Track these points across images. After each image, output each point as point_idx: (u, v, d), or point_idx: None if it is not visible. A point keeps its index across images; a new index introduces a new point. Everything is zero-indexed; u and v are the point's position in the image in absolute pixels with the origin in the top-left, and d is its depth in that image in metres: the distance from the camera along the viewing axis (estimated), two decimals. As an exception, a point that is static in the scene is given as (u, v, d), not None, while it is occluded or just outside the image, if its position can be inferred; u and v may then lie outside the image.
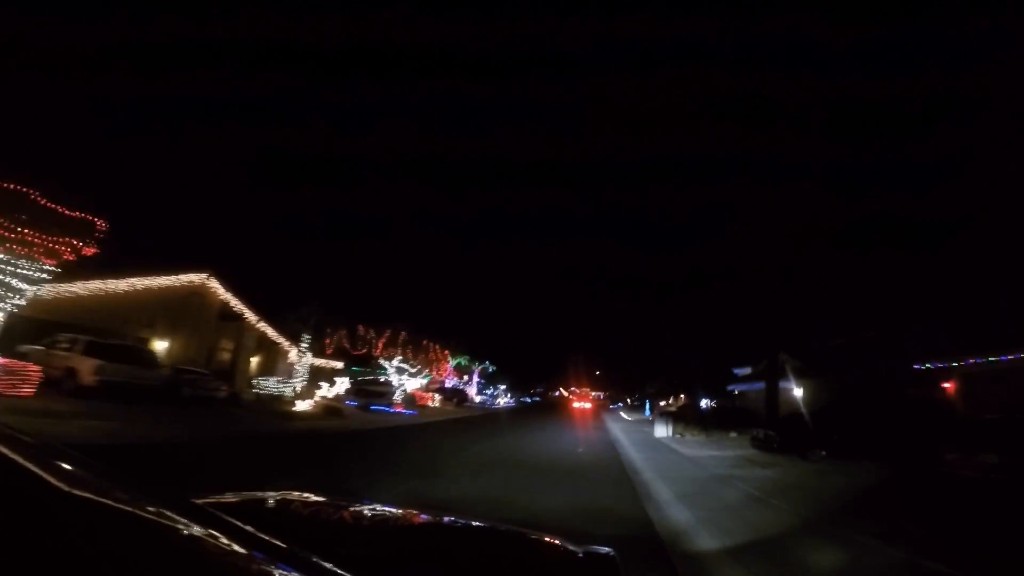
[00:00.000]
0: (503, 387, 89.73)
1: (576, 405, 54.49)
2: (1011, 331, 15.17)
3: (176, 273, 29.23)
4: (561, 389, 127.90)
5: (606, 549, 1.66)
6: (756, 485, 10.01)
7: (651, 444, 19.30)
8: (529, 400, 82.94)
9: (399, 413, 30.88)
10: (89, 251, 12.46)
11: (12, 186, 10.91)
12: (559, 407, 59.00)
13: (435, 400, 40.62)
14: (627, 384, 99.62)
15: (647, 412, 40.96)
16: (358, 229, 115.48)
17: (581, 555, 1.62)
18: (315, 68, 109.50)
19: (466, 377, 65.38)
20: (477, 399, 56.28)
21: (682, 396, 60.63)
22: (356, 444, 14.19)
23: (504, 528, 2.00)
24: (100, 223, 12.40)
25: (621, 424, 32.41)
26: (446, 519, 2.05)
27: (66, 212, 11.85)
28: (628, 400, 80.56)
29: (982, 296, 20.41)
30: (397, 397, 35.77)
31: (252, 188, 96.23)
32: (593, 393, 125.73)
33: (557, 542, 1.77)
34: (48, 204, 11.52)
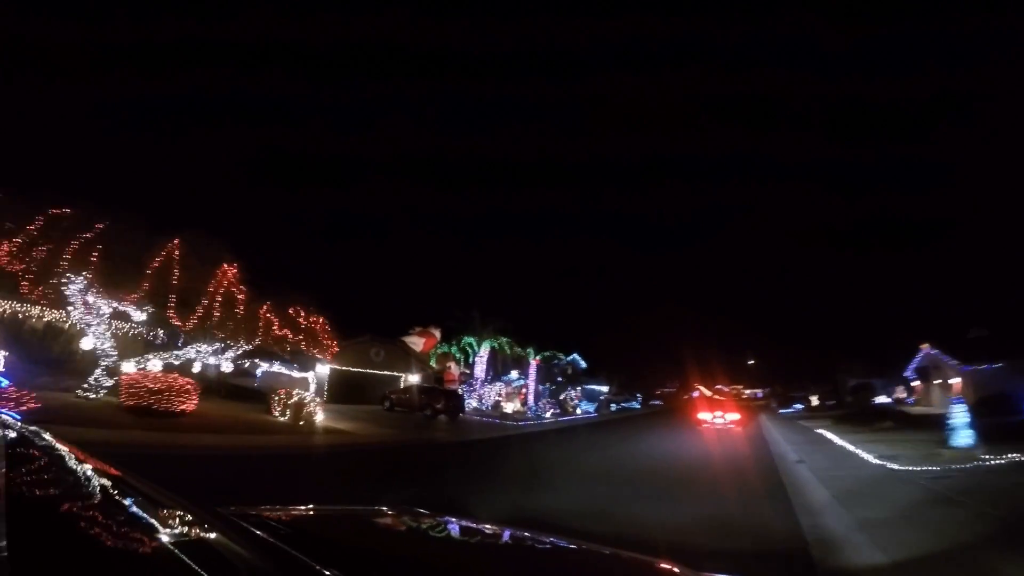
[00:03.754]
0: (605, 388, 62.86)
1: (704, 418, 24.36)
2: None
3: None
4: (700, 388, 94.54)
5: None
6: None
7: None
8: (637, 406, 54.39)
9: None
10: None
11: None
12: (666, 423, 30.24)
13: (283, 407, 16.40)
14: (799, 374, 65.19)
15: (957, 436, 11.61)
16: (359, 228, 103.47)
17: None
18: (315, 68, 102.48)
19: (514, 373, 40.09)
20: (508, 407, 30.81)
21: (949, 383, 28.44)
22: None
23: (608, 552, 1.70)
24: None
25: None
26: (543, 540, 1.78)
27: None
28: (812, 398, 48.00)
29: None
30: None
31: (255, 189, 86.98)
32: (747, 391, 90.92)
33: (671, 567, 1.52)
34: None
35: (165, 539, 0.85)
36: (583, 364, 65.63)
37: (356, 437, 15.98)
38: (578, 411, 38.71)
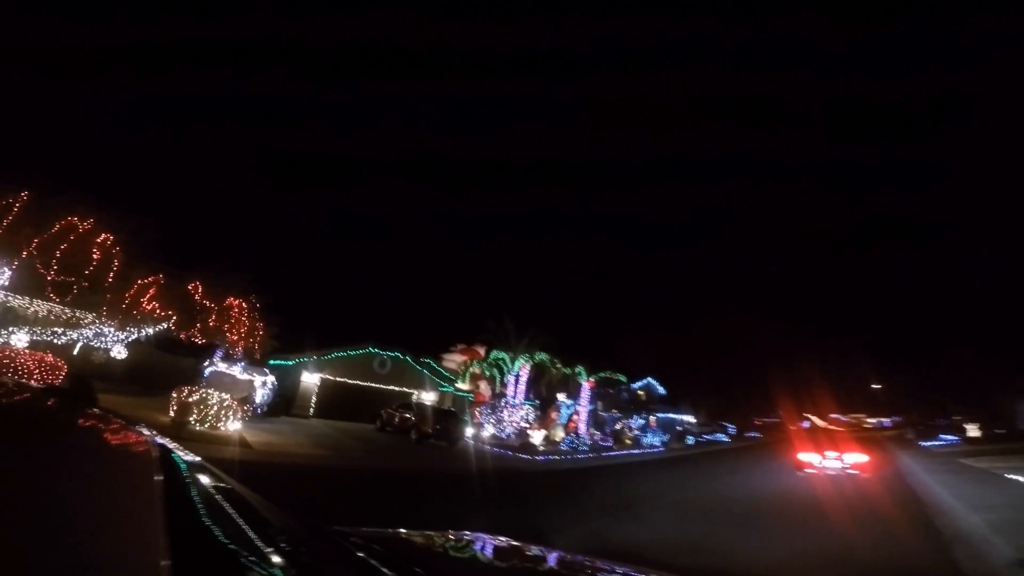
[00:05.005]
0: (689, 418, 54.05)
1: (808, 460, 16.13)
2: None
3: None
4: (811, 417, 79.86)
5: None
6: None
7: None
8: (725, 438, 45.17)
9: None
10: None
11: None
12: (749, 465, 22.21)
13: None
14: (942, 396, 51.42)
15: None
16: (359, 230, 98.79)
17: None
18: (315, 68, 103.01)
19: (561, 397, 33.69)
20: (536, 436, 24.02)
21: None
22: None
23: None
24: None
25: None
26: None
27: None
28: (969, 427, 36.10)
29: None
30: None
31: (254, 188, 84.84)
32: (871, 420, 75.77)
33: None
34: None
35: (276, 555, 0.95)
36: (661, 390, 57.06)
37: (252, 454, 11.28)
38: (630, 443, 31.11)
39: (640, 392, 54.90)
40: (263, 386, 18.26)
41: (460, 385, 31.67)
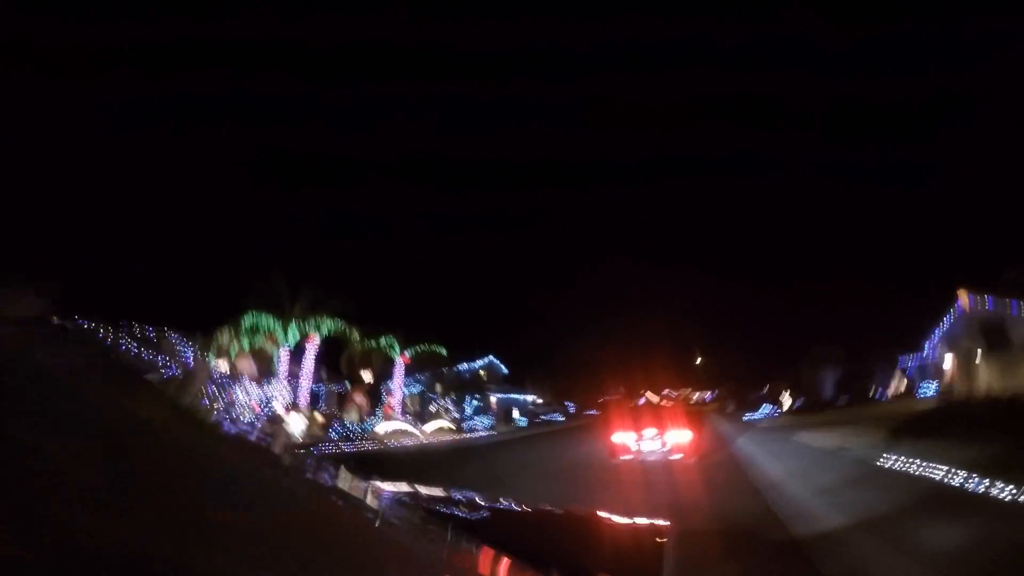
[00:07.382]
0: (529, 397, 51.37)
1: (623, 443, 12.04)
2: None
3: None
4: (647, 394, 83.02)
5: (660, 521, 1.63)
6: None
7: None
8: (561, 418, 42.52)
9: None
10: None
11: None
12: (555, 454, 17.39)
13: None
14: (761, 367, 55.03)
15: None
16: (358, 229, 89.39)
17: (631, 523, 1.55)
18: (315, 68, 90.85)
19: (366, 376, 27.15)
20: (297, 421, 17.07)
21: None
22: None
23: (553, 509, 1.87)
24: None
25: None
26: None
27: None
28: (784, 396, 36.97)
29: None
30: None
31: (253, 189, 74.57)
32: (696, 395, 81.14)
33: (606, 515, 1.67)
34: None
35: None
36: (504, 369, 53.32)
37: None
38: (450, 428, 25.81)
39: (482, 372, 50.51)
40: None
41: (219, 364, 23.48)
